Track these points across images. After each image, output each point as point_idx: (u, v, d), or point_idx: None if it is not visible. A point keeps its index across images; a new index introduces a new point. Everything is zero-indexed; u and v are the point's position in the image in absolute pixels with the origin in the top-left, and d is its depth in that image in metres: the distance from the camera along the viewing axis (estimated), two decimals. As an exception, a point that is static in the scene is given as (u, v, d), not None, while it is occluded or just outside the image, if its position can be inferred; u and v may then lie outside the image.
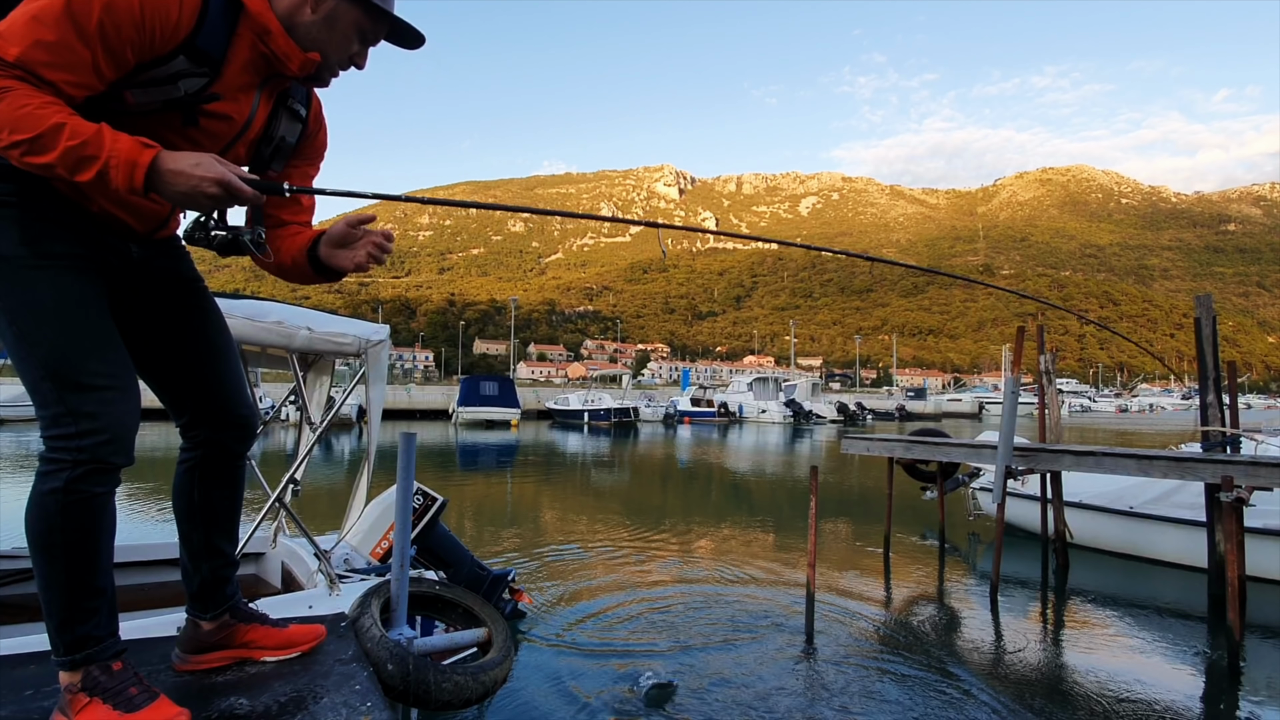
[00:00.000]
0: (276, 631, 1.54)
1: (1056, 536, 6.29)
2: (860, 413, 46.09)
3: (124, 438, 1.25)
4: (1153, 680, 3.81)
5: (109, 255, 1.34)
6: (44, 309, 1.21)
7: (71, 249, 1.26)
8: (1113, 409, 74.79)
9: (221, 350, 1.53)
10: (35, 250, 1.21)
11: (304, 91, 1.52)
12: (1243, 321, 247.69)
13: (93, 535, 1.25)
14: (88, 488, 1.23)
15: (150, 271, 1.43)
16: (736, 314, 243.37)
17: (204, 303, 1.53)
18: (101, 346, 1.26)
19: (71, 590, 1.25)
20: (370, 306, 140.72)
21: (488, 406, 31.42)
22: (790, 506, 10.07)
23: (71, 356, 1.22)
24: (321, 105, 1.59)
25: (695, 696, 3.41)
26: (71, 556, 1.24)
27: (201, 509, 1.53)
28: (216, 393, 1.50)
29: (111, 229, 1.34)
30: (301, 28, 1.33)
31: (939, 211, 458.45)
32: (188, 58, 1.23)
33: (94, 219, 1.31)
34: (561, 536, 7.37)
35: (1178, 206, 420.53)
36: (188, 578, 1.55)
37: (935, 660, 4.03)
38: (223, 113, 1.32)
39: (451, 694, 1.54)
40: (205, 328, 1.51)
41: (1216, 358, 5.47)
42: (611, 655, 3.95)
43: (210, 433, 1.51)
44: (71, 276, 1.24)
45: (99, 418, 1.22)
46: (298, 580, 2.88)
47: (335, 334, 2.75)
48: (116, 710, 1.22)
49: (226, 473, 1.55)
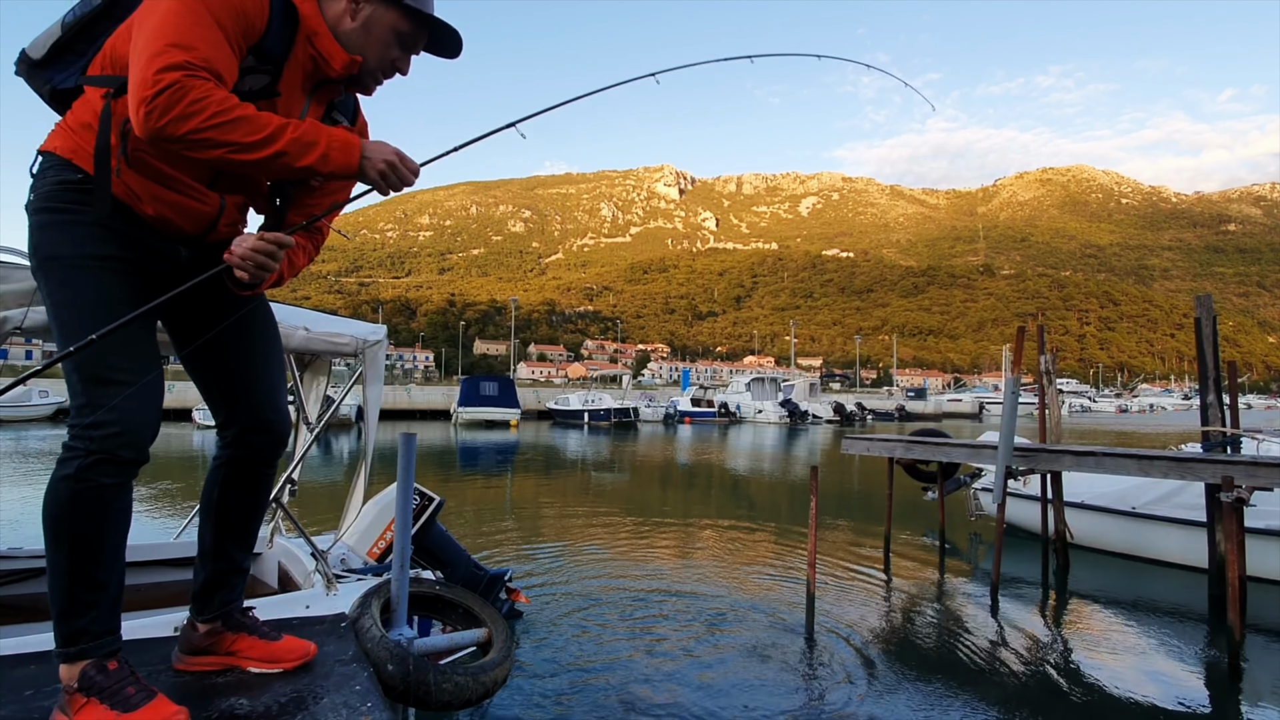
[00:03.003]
0: (264, 644, 1.53)
1: (1057, 537, 6.29)
2: (860, 413, 46.10)
3: (135, 432, 1.28)
4: (1153, 680, 3.81)
5: (156, 259, 1.40)
6: (83, 306, 1.29)
7: (119, 252, 1.33)
8: (1113, 409, 74.83)
9: (261, 357, 1.57)
10: (84, 252, 1.30)
11: (351, 106, 1.62)
12: (1243, 321, 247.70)
13: (98, 526, 1.27)
14: (96, 477, 1.25)
15: (198, 273, 1.45)
16: (736, 314, 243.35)
17: (252, 309, 1.56)
18: (129, 344, 1.30)
19: (73, 580, 1.27)
20: (370, 307, 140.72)
21: (488, 407, 31.45)
22: (789, 506, 10.07)
23: (95, 351, 1.25)
24: (367, 123, 1.68)
25: (695, 696, 3.41)
26: (76, 545, 1.26)
27: (218, 509, 1.56)
28: (249, 397, 1.54)
29: (162, 232, 1.40)
30: (344, 34, 1.44)
31: (939, 212, 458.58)
32: (255, 57, 1.34)
33: (146, 224, 1.37)
34: (559, 536, 7.37)
35: (1178, 206, 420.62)
36: (195, 575, 1.58)
37: (936, 660, 4.02)
38: (279, 114, 1.38)
39: (452, 694, 1.54)
40: (248, 334, 1.55)
41: (1217, 358, 5.47)
42: (610, 655, 3.95)
43: (239, 435, 1.54)
44: (114, 278, 1.32)
45: (112, 410, 1.26)
46: (294, 580, 2.87)
47: (332, 334, 2.75)
48: (114, 710, 1.22)
49: (250, 478, 1.57)
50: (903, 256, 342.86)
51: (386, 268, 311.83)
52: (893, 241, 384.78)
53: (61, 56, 1.42)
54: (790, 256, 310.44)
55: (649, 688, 3.51)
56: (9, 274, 1.93)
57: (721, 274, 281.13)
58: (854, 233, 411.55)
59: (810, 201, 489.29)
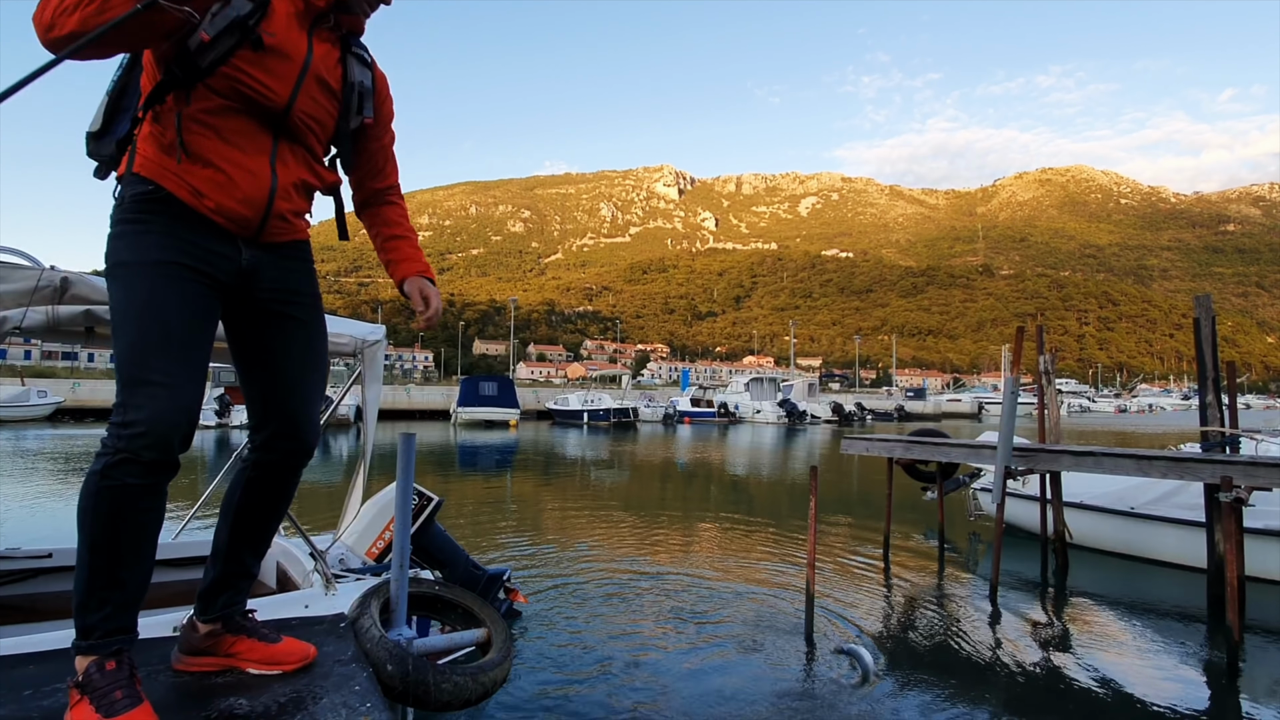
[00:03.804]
0: (263, 646, 1.54)
1: (1056, 537, 6.30)
2: (860, 413, 46.11)
3: (160, 434, 1.28)
4: (1152, 680, 3.82)
5: (218, 264, 1.44)
6: (133, 309, 1.33)
7: (180, 259, 1.37)
8: (1112, 409, 74.90)
9: (304, 368, 1.59)
10: (148, 259, 1.35)
11: (366, 56, 1.64)
12: (1242, 321, 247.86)
13: (118, 524, 1.28)
14: (120, 476, 1.27)
15: (256, 279, 1.51)
16: (736, 314, 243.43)
17: (302, 316, 1.59)
18: (169, 347, 1.32)
19: (92, 574, 1.29)
20: (370, 306, 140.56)
21: (487, 407, 31.44)
22: (788, 505, 10.07)
23: (138, 353, 1.30)
24: (385, 75, 1.71)
25: (694, 696, 3.41)
26: (96, 540, 1.28)
27: (236, 511, 1.58)
28: (285, 405, 1.57)
29: (224, 230, 1.44)
30: None
31: (938, 212, 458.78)
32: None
33: (208, 225, 1.41)
34: (558, 535, 7.37)
35: (1177, 207, 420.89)
36: (205, 573, 1.60)
37: (935, 660, 4.03)
38: (281, 48, 1.42)
39: (451, 695, 1.54)
40: (292, 343, 1.58)
41: (1216, 358, 5.47)
42: (608, 655, 3.95)
43: (268, 439, 1.57)
44: (168, 283, 1.35)
45: (141, 410, 1.28)
46: (293, 580, 2.87)
47: (331, 334, 2.74)
48: (98, 712, 1.22)
49: (273, 484, 1.59)
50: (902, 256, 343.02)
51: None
52: (892, 241, 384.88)
53: (115, 118, 1.48)
54: (790, 257, 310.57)
55: (648, 688, 3.51)
56: (9, 274, 1.92)
57: (721, 274, 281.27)
58: (853, 233, 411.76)
59: (810, 202, 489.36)
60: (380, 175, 1.73)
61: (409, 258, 1.72)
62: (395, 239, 1.74)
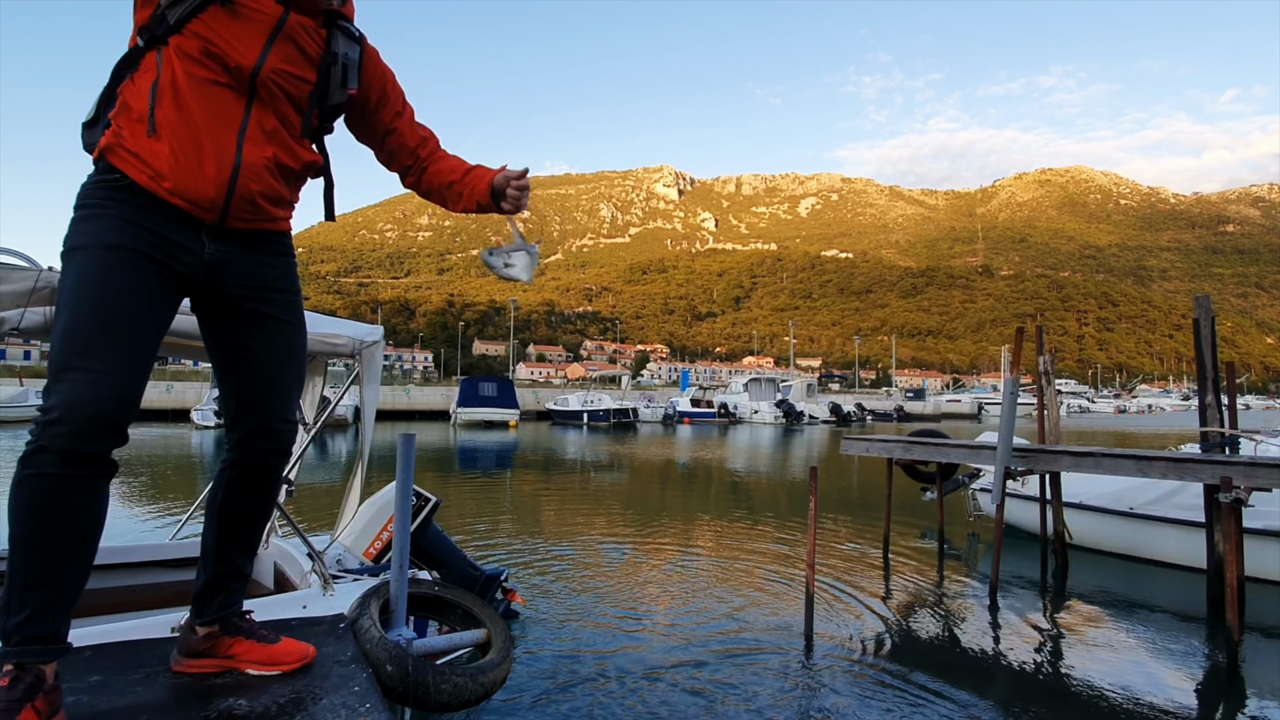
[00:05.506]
0: (262, 647, 1.52)
1: (1056, 537, 6.29)
2: (859, 413, 46.11)
3: (75, 421, 1.21)
4: (1151, 681, 3.81)
5: (179, 255, 1.40)
6: (75, 291, 1.28)
7: (138, 245, 1.33)
8: (1111, 410, 74.97)
9: (280, 364, 1.55)
10: (103, 242, 1.31)
11: (355, 31, 1.61)
12: (1241, 322, 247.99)
13: (38, 518, 1.21)
14: (36, 465, 1.22)
15: (223, 273, 1.47)
16: (736, 315, 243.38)
17: (276, 314, 1.54)
18: (104, 331, 1.26)
19: (12, 572, 1.21)
20: (370, 307, 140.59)
21: (487, 407, 31.45)
22: (788, 505, 10.06)
23: (69, 337, 1.25)
24: (377, 50, 1.68)
25: (693, 697, 3.41)
26: (15, 534, 1.21)
27: (221, 512, 1.55)
28: (259, 403, 1.53)
29: (188, 216, 1.40)
30: None
31: (938, 212, 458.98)
32: None
33: (170, 211, 1.38)
34: (556, 536, 7.36)
35: (1176, 207, 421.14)
36: (196, 576, 1.58)
37: (934, 660, 4.02)
38: (252, 4, 1.41)
39: (451, 695, 1.54)
40: (267, 341, 1.53)
41: (1215, 358, 5.47)
42: (607, 655, 3.95)
43: (243, 439, 1.54)
44: (119, 269, 1.31)
45: (58, 396, 1.22)
46: (290, 581, 2.87)
47: (329, 335, 2.74)
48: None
49: (253, 484, 1.56)
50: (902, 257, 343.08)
51: (385, 268, 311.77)
52: (892, 242, 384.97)
53: (107, 106, 1.47)
54: (789, 257, 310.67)
55: (647, 688, 3.50)
56: (6, 275, 1.92)
57: (720, 275, 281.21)
58: (853, 233, 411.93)
59: (809, 202, 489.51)
60: (412, 149, 1.70)
61: (482, 175, 1.67)
62: (462, 176, 1.68)
